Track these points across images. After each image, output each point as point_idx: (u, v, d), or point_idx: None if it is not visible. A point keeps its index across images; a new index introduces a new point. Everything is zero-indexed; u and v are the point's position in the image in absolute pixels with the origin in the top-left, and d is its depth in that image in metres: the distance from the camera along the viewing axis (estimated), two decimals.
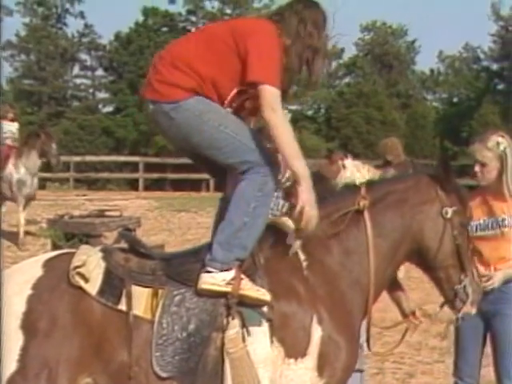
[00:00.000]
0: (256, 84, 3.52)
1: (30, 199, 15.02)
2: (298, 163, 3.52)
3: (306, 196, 3.49)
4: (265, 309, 3.48)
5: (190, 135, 3.60)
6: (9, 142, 15.61)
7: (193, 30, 39.60)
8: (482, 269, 4.62)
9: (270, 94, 3.48)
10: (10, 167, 14.83)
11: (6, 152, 15.23)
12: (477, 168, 4.77)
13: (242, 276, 3.50)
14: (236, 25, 3.78)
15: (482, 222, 4.83)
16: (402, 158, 5.95)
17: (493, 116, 42.71)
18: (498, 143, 4.71)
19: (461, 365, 5.07)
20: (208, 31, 3.90)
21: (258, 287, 3.48)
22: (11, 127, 16.15)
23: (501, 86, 49.93)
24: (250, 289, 3.47)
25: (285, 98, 3.66)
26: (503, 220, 4.80)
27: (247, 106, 3.82)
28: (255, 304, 3.47)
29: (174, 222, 18.38)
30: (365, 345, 4.15)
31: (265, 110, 3.48)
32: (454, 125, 46.45)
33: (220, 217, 3.78)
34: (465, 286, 3.78)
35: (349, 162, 5.32)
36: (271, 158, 3.61)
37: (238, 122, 3.67)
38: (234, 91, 3.67)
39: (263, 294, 3.46)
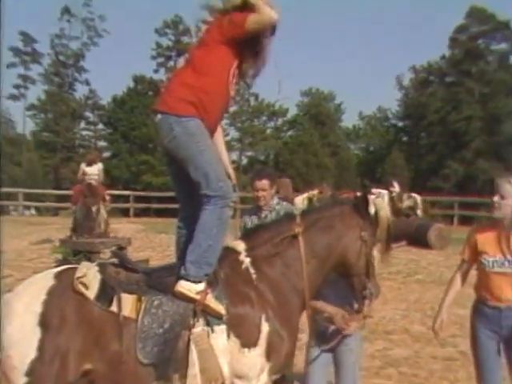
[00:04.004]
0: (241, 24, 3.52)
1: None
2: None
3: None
4: (224, 313, 3.51)
5: (180, 147, 3.57)
6: (93, 182, 14.33)
7: None
8: (494, 302, 4.31)
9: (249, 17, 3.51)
10: (78, 204, 13.47)
11: (80, 189, 13.98)
12: (495, 198, 4.25)
13: (208, 291, 3.51)
14: (215, 27, 3.67)
15: (498, 258, 4.30)
16: (290, 194, 6.00)
17: (399, 161, 43.43)
18: None
19: None
20: (201, 46, 3.74)
21: (218, 302, 3.49)
22: (95, 169, 15.19)
23: (405, 139, 50.74)
24: (213, 303, 3.49)
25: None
26: None
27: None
28: (214, 314, 3.49)
29: (156, 241, 18.15)
30: None
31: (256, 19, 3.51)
32: (370, 167, 47.11)
33: (182, 243, 3.82)
34: (370, 289, 3.82)
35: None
36: (229, 189, 3.60)
37: (215, 155, 3.66)
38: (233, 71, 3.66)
39: (221, 309, 3.48)
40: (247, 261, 3.71)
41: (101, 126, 53.05)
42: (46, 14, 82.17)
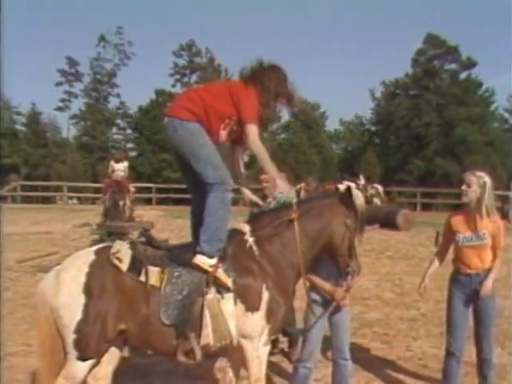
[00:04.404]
0: (245, 122, 3.59)
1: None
2: (272, 170, 3.70)
3: (283, 184, 3.83)
4: (230, 286, 3.52)
5: (183, 145, 3.59)
6: (119, 177, 14.47)
7: None
8: (466, 270, 4.45)
9: (253, 131, 3.58)
10: (108, 195, 13.41)
11: (110, 182, 14.12)
12: (463, 187, 4.36)
13: (219, 265, 3.51)
14: (230, 85, 3.77)
15: (467, 235, 4.44)
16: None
17: (372, 159, 43.33)
18: (482, 176, 4.35)
19: (452, 341, 4.54)
20: (211, 86, 3.85)
21: (226, 275, 3.50)
22: (121, 166, 15.29)
23: (377, 140, 50.61)
24: (222, 275, 3.49)
25: (265, 126, 3.69)
26: (484, 234, 4.38)
27: (235, 129, 3.76)
28: (222, 285, 3.49)
29: (174, 225, 18.08)
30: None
31: (250, 142, 3.60)
32: (349, 164, 46.95)
33: (195, 225, 3.79)
34: (352, 267, 3.78)
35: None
36: (227, 175, 3.61)
37: (213, 149, 3.63)
38: (226, 122, 3.68)
39: (228, 281, 3.49)
40: (251, 240, 3.68)
41: (129, 131, 52.96)
42: (86, 42, 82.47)
